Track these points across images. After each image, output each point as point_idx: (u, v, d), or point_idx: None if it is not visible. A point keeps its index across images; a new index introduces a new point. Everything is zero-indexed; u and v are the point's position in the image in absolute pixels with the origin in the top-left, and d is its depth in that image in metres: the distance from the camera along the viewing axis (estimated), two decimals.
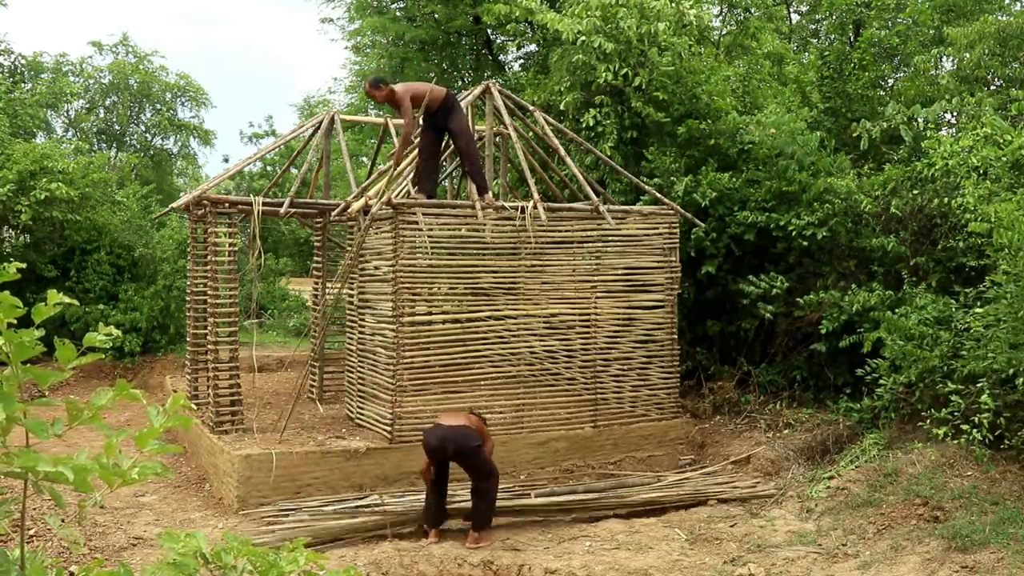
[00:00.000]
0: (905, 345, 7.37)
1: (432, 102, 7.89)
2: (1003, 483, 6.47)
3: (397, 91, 7.77)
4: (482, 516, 6.52)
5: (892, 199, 8.74)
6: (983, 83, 11.17)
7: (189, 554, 1.69)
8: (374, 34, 17.89)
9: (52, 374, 1.62)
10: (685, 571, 5.83)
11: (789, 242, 9.27)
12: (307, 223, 11.18)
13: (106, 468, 1.56)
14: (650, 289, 8.91)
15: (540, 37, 14.51)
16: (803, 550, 6.08)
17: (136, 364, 13.45)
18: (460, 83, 17.18)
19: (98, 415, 1.62)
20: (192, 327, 9.38)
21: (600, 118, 10.17)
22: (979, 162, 7.40)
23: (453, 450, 6.41)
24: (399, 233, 7.74)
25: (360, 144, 21.78)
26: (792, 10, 19.59)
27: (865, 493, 6.80)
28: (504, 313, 8.24)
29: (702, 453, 8.93)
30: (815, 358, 9.20)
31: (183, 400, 1.71)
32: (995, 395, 6.67)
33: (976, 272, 7.82)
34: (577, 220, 8.61)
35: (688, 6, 10.53)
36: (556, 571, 5.78)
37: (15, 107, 17.74)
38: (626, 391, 8.80)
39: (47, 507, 5.87)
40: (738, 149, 9.95)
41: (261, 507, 7.04)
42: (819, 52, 11.96)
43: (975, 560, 5.41)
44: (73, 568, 5.11)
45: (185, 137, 26.23)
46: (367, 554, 6.07)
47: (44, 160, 13.24)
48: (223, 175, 11.07)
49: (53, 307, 1.69)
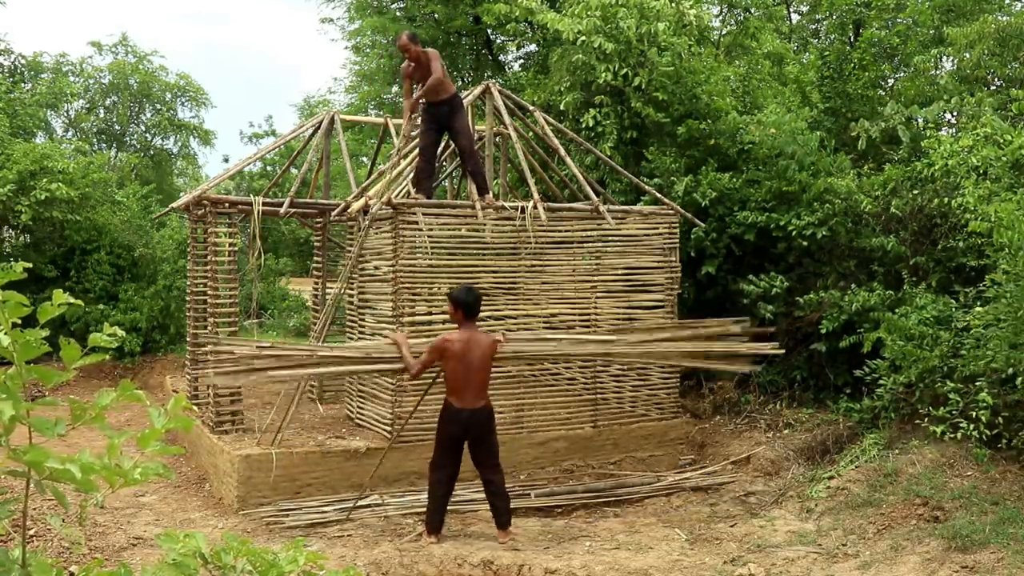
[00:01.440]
0: (905, 345, 7.37)
1: (442, 88, 7.92)
2: (1003, 483, 6.48)
3: (432, 54, 7.91)
4: (505, 512, 6.51)
5: (892, 199, 8.74)
6: (983, 83, 11.18)
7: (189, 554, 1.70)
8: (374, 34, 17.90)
9: (57, 374, 1.63)
10: (685, 571, 5.83)
11: (789, 242, 9.28)
12: (307, 223, 11.18)
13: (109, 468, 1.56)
14: (650, 289, 8.92)
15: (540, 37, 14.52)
16: (803, 550, 6.09)
17: (136, 364, 13.46)
18: (460, 83, 17.18)
19: (101, 415, 1.63)
20: (192, 327, 9.38)
21: (600, 118, 10.17)
22: (979, 162, 7.41)
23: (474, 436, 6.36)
24: (399, 233, 7.75)
25: (360, 144, 21.79)
26: (792, 10, 19.61)
27: (865, 493, 6.80)
28: (504, 313, 8.24)
29: (702, 453, 8.94)
30: (815, 358, 9.20)
31: (184, 401, 1.72)
32: (994, 394, 6.68)
33: (976, 272, 7.83)
34: (577, 220, 8.61)
35: (688, 6, 10.54)
36: (556, 571, 5.78)
37: (15, 107, 17.74)
38: (626, 391, 8.80)
39: (47, 507, 5.87)
40: (738, 149, 9.95)
41: (261, 507, 7.05)
42: (819, 52, 11.97)
43: (975, 560, 5.41)
44: (73, 568, 5.12)
45: (185, 137, 26.24)
46: (367, 554, 6.07)
47: (44, 160, 13.25)
48: (223, 175, 11.07)
49: (59, 307, 1.69)
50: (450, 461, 6.42)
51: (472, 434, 6.35)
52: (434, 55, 7.91)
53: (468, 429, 6.33)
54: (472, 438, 6.38)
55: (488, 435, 6.42)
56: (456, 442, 6.39)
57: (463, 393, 6.28)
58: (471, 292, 6.43)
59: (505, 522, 6.49)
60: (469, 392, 6.28)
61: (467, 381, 6.27)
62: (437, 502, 6.44)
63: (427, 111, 8.07)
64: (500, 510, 6.49)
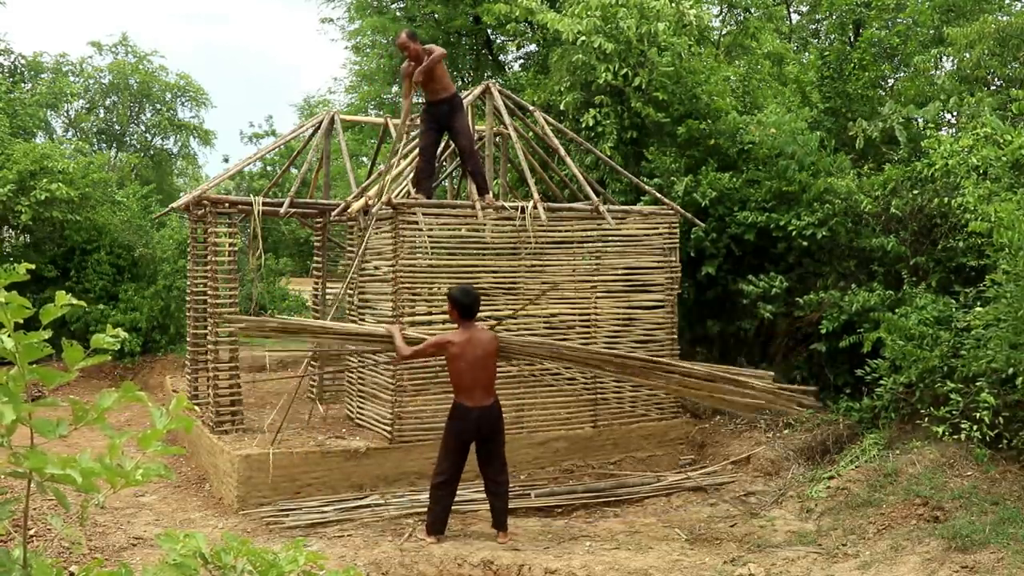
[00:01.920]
0: (905, 345, 7.37)
1: (441, 88, 7.92)
2: (1003, 483, 6.48)
3: (434, 53, 7.81)
4: (504, 513, 6.51)
5: (892, 199, 8.74)
6: (983, 83, 11.18)
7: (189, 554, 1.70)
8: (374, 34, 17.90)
9: (59, 375, 1.63)
10: (685, 571, 5.83)
11: (789, 242, 9.28)
12: (307, 223, 11.18)
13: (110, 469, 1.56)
14: (650, 289, 8.92)
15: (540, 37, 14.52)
16: (803, 550, 6.09)
17: (136, 364, 13.46)
18: (460, 83, 17.18)
19: (103, 416, 1.63)
20: (192, 327, 9.38)
21: (600, 118, 10.17)
22: (979, 162, 7.41)
23: (484, 435, 6.36)
24: (399, 233, 7.75)
25: (360, 144, 21.78)
26: (792, 10, 19.60)
27: (865, 493, 6.80)
28: (504, 313, 8.24)
29: (702, 453, 8.94)
30: (815, 358, 9.20)
31: (185, 401, 1.72)
32: (995, 395, 6.68)
33: (976, 272, 7.83)
34: (577, 220, 8.61)
35: (688, 6, 10.54)
36: (556, 571, 5.78)
37: (15, 107, 17.73)
38: (626, 391, 8.80)
39: (47, 507, 5.87)
40: (738, 149, 9.95)
41: (261, 507, 7.05)
42: (819, 52, 11.96)
43: (975, 560, 5.42)
44: (73, 568, 5.12)
45: (185, 137, 26.22)
46: (367, 554, 6.08)
47: (44, 160, 13.25)
48: (223, 175, 11.06)
49: (61, 308, 1.69)
50: (456, 462, 6.41)
51: (483, 432, 6.35)
52: (437, 54, 7.83)
53: (480, 427, 6.32)
54: (482, 437, 6.37)
55: (497, 434, 6.42)
56: (465, 442, 6.39)
57: (471, 392, 6.30)
58: (469, 293, 6.45)
59: (503, 523, 6.49)
60: (477, 390, 6.30)
61: (473, 379, 6.29)
62: (440, 504, 6.42)
63: (427, 111, 8.06)
64: (498, 510, 6.49)
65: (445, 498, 6.43)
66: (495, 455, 6.44)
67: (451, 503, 6.50)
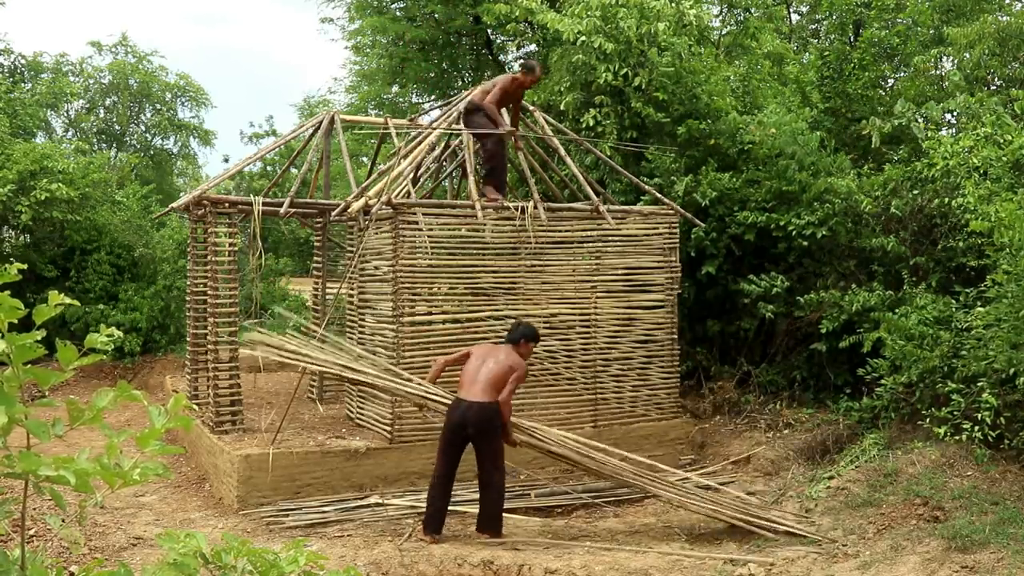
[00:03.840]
0: (905, 345, 7.37)
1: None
2: (1003, 483, 6.47)
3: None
4: (489, 514, 6.45)
5: (892, 199, 8.74)
6: (983, 83, 11.17)
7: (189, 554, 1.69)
8: (374, 34, 17.86)
9: (54, 375, 1.62)
10: (685, 571, 5.83)
11: (789, 242, 9.28)
12: (307, 223, 11.18)
13: (108, 469, 1.56)
14: (650, 289, 8.91)
15: (540, 37, 14.49)
16: (803, 550, 6.08)
17: (136, 364, 13.45)
18: (460, 83, 17.18)
19: (99, 416, 1.62)
20: (192, 327, 9.38)
21: (600, 118, 10.17)
22: (979, 162, 7.40)
23: (474, 431, 6.33)
24: (399, 233, 7.75)
25: (360, 144, 21.76)
26: (792, 10, 19.59)
27: (865, 493, 6.80)
28: (504, 313, 8.23)
29: (702, 453, 8.94)
30: (815, 358, 9.20)
31: (184, 401, 1.71)
32: (995, 395, 6.67)
33: (976, 272, 7.83)
34: (577, 220, 8.61)
35: (688, 6, 10.53)
36: (556, 571, 5.77)
37: (15, 107, 17.74)
38: (626, 391, 8.79)
39: (47, 507, 5.87)
40: (738, 149, 9.95)
41: (261, 507, 7.05)
42: (819, 52, 11.95)
43: (975, 560, 5.41)
44: (73, 568, 5.11)
45: (185, 137, 26.24)
46: (367, 554, 6.07)
47: (44, 160, 13.25)
48: (223, 175, 11.06)
49: (55, 308, 1.69)
50: (447, 459, 6.40)
51: (469, 427, 6.30)
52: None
53: (465, 420, 6.29)
54: (468, 434, 6.35)
55: (486, 433, 6.35)
56: (453, 435, 6.36)
57: (471, 386, 6.35)
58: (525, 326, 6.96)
59: (482, 524, 6.47)
60: (476, 385, 6.34)
61: (476, 373, 6.38)
62: (432, 501, 6.44)
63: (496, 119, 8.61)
64: (480, 511, 6.50)
65: (437, 497, 6.43)
66: (485, 455, 6.42)
67: (445, 502, 6.47)
